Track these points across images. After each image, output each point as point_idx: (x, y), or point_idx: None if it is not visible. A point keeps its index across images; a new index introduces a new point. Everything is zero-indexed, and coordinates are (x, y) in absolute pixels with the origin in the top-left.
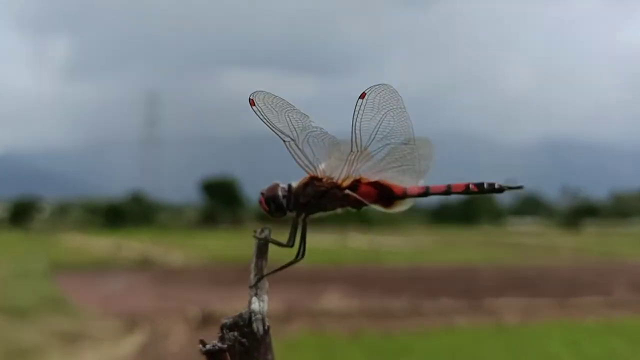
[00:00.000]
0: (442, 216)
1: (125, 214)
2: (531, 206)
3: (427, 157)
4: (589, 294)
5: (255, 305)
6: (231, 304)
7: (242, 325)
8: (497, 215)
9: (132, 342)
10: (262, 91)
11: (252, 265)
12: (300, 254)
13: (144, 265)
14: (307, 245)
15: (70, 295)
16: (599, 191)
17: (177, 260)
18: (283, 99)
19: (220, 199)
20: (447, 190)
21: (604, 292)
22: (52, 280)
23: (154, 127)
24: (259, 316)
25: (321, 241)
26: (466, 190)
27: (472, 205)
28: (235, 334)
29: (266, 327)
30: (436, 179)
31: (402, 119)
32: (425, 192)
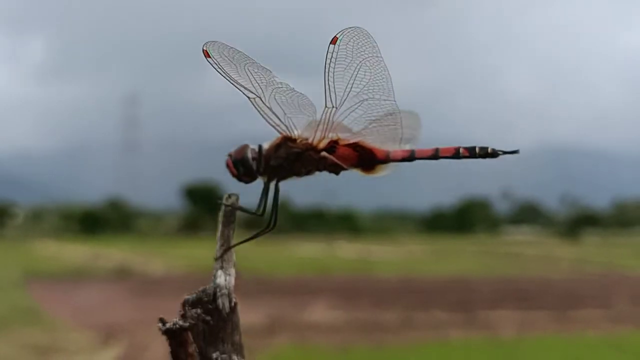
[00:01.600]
0: (436, 224)
1: (103, 220)
2: (529, 214)
3: (414, 128)
4: (589, 306)
5: (221, 279)
6: None
7: (206, 301)
8: (493, 224)
9: (109, 355)
10: (217, 41)
11: (218, 234)
12: (272, 223)
13: (122, 275)
14: (292, 254)
15: (44, 306)
16: (600, 199)
17: (158, 269)
18: (241, 51)
19: (203, 205)
20: (435, 154)
21: (605, 305)
22: (25, 290)
23: (134, 130)
24: (224, 291)
25: (307, 250)
26: (456, 154)
27: (467, 213)
28: (199, 310)
29: (233, 304)
30: (430, 185)
31: (379, 70)
32: (410, 156)
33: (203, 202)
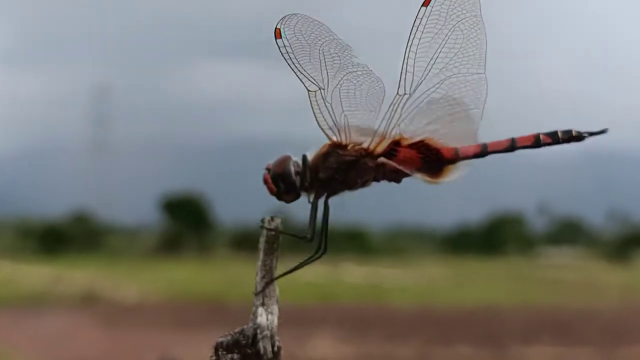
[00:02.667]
0: (459, 244)
1: (67, 237)
2: (570, 233)
3: (476, 102)
4: None
5: (262, 318)
6: (198, 349)
7: (245, 344)
8: (527, 244)
9: None
10: (297, 14)
11: (259, 264)
12: (323, 248)
13: (89, 301)
14: (291, 277)
15: None
16: None
17: (131, 295)
18: (323, 24)
19: (185, 221)
20: (512, 146)
21: None
22: None
23: (104, 130)
24: (266, 333)
25: (309, 273)
26: (536, 142)
27: (496, 231)
28: (235, 356)
29: (276, 348)
30: (454, 197)
31: (475, 34)
32: (483, 151)
33: (185, 217)
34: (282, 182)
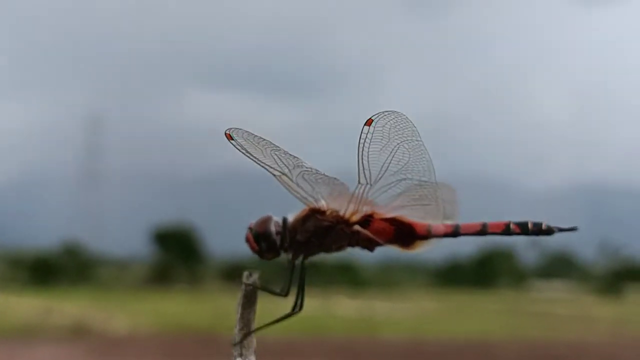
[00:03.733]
0: (451, 277)
1: (58, 269)
2: (562, 267)
3: (451, 203)
4: None
5: None
6: None
7: None
8: (519, 278)
9: None
10: (240, 129)
11: (238, 316)
12: (298, 305)
13: (79, 333)
14: (283, 311)
15: None
16: None
17: (122, 327)
18: (266, 139)
19: (176, 253)
20: (482, 230)
21: None
22: None
23: (96, 161)
24: None
25: None
26: (506, 230)
27: (488, 264)
28: None
29: None
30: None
31: (419, 155)
32: (455, 232)
33: (176, 249)
34: (264, 241)
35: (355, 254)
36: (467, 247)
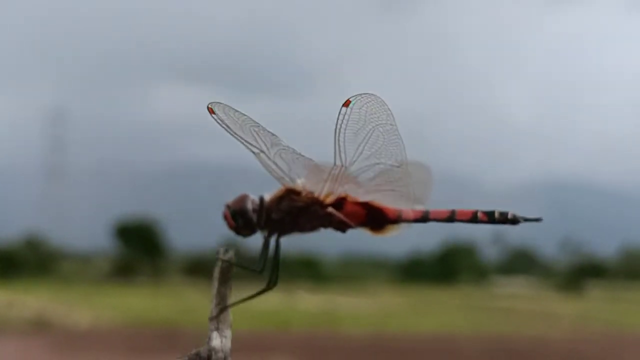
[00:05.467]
0: (414, 273)
1: (19, 262)
2: (523, 263)
3: (424, 184)
4: None
5: (217, 341)
6: None
7: None
8: (481, 274)
9: None
10: (221, 103)
11: (214, 292)
12: (272, 281)
13: (40, 327)
14: (247, 305)
15: None
16: (607, 246)
17: (84, 321)
18: (246, 115)
19: (139, 246)
20: (450, 217)
21: None
22: None
23: (57, 154)
24: (220, 355)
25: (264, 301)
26: (473, 218)
27: (450, 260)
28: None
29: None
30: (410, 230)
31: (393, 138)
32: (424, 217)
33: (138, 243)
34: (240, 218)
35: (318, 247)
36: (429, 242)
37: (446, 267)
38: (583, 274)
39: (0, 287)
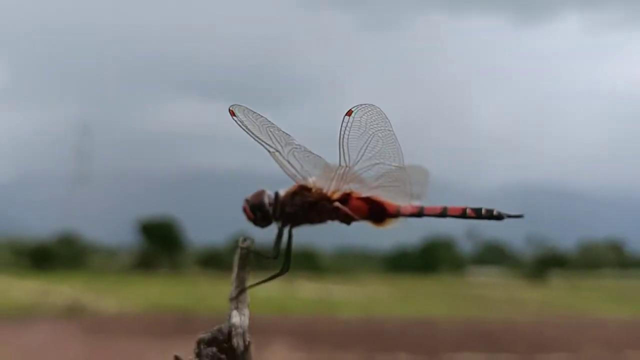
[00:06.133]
0: (398, 264)
1: (54, 255)
2: (494, 255)
3: (422, 184)
4: (555, 350)
5: (236, 319)
6: (169, 356)
7: (222, 340)
8: (457, 265)
9: None
10: (241, 105)
11: (234, 276)
12: (285, 266)
13: (73, 313)
14: (250, 292)
15: None
16: (567, 240)
17: (110, 307)
18: (263, 116)
19: (159, 242)
20: (443, 212)
21: (571, 349)
22: None
23: (86, 161)
24: (239, 330)
25: (265, 289)
26: (463, 214)
27: (430, 253)
28: (214, 349)
29: (247, 343)
30: (395, 226)
31: (391, 141)
32: (419, 212)
33: (159, 239)
34: (258, 211)
35: (315, 242)
36: (412, 237)
37: (427, 260)
38: (546, 265)
39: (38, 278)
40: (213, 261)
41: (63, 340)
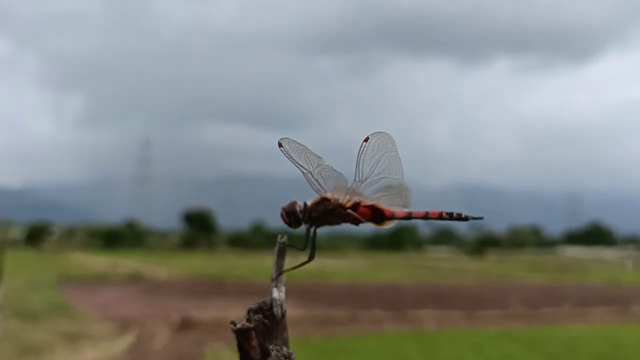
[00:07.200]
0: (375, 243)
1: (121, 237)
2: (445, 237)
3: (408, 197)
4: (490, 307)
5: (276, 294)
6: (205, 312)
7: (265, 309)
8: (419, 244)
9: (124, 341)
10: (288, 138)
11: (274, 262)
12: (311, 256)
13: (135, 279)
14: (267, 264)
15: (74, 303)
16: (499, 226)
17: (162, 275)
18: (303, 144)
19: (198, 227)
20: (425, 216)
21: (502, 307)
22: (59, 290)
23: (146, 168)
24: (278, 302)
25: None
26: (439, 216)
27: (398, 235)
28: (260, 316)
29: (284, 311)
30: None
31: (395, 160)
32: (409, 216)
33: (198, 225)
34: (292, 216)
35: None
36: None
37: (396, 240)
38: (484, 244)
39: (108, 254)
40: (238, 242)
41: (127, 299)
